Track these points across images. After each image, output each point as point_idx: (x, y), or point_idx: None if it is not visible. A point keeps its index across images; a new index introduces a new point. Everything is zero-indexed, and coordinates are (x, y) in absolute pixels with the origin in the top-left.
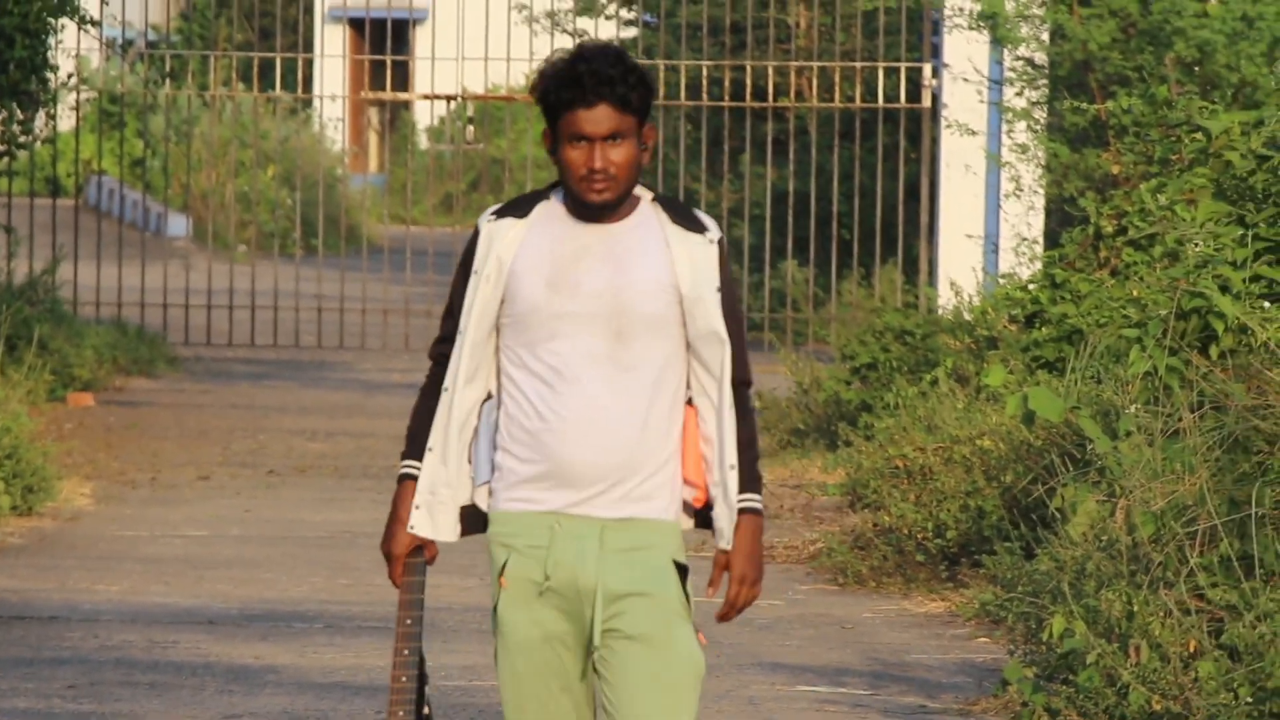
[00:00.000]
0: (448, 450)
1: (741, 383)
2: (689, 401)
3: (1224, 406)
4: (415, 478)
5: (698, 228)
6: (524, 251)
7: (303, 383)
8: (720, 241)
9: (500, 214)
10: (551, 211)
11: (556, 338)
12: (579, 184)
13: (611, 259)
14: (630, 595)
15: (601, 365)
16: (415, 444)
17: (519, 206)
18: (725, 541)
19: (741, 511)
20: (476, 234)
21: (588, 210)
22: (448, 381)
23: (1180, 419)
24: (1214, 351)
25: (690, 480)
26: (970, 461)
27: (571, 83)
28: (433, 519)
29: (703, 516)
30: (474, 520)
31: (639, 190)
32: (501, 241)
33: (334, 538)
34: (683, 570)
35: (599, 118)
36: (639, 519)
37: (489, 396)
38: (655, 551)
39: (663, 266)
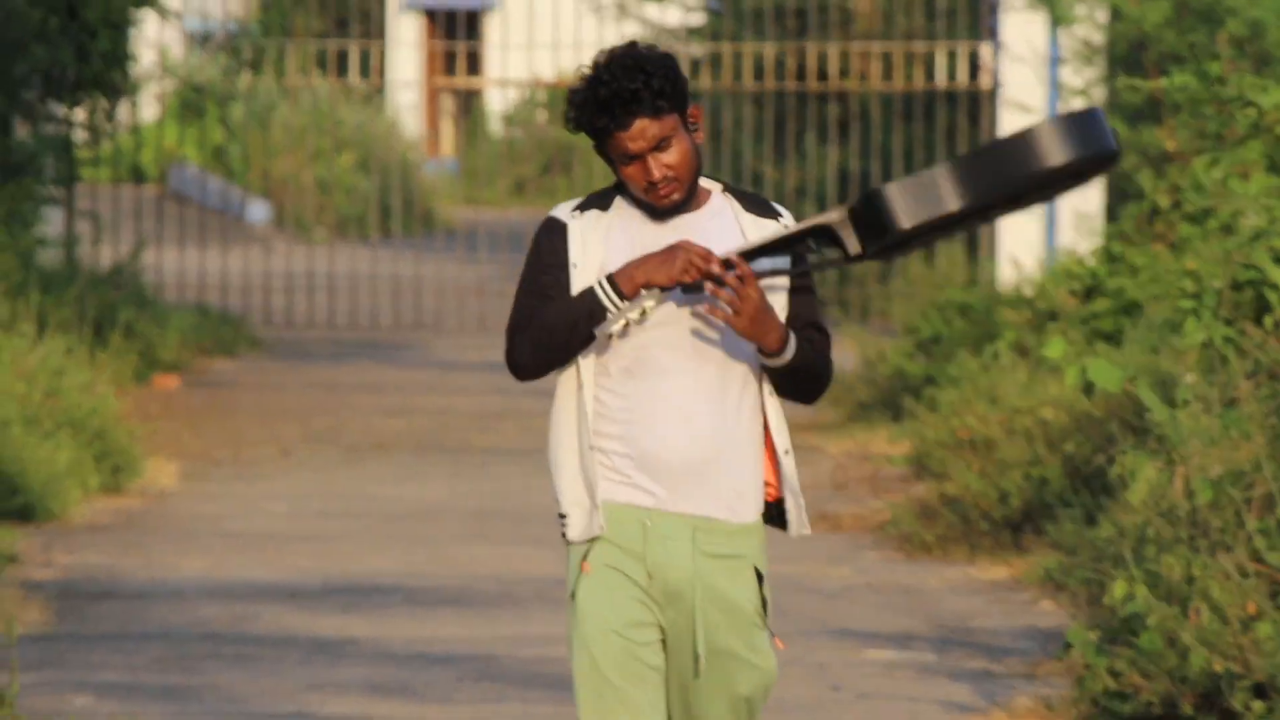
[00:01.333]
0: (576, 451)
1: (810, 324)
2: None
3: (1278, 375)
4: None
5: (771, 213)
6: (610, 246)
7: (380, 362)
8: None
9: (584, 208)
10: (628, 206)
11: (643, 330)
12: (646, 195)
13: None
14: (717, 605)
15: (687, 356)
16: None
17: (598, 202)
18: (795, 530)
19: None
20: (559, 229)
21: (661, 215)
22: (583, 377)
23: (1236, 388)
24: (1268, 322)
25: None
26: (1032, 432)
27: (599, 110)
28: (590, 521)
29: (769, 511)
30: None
31: (709, 183)
32: (593, 237)
33: (412, 512)
34: (761, 577)
35: (639, 134)
36: (729, 522)
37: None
38: (743, 561)
39: None
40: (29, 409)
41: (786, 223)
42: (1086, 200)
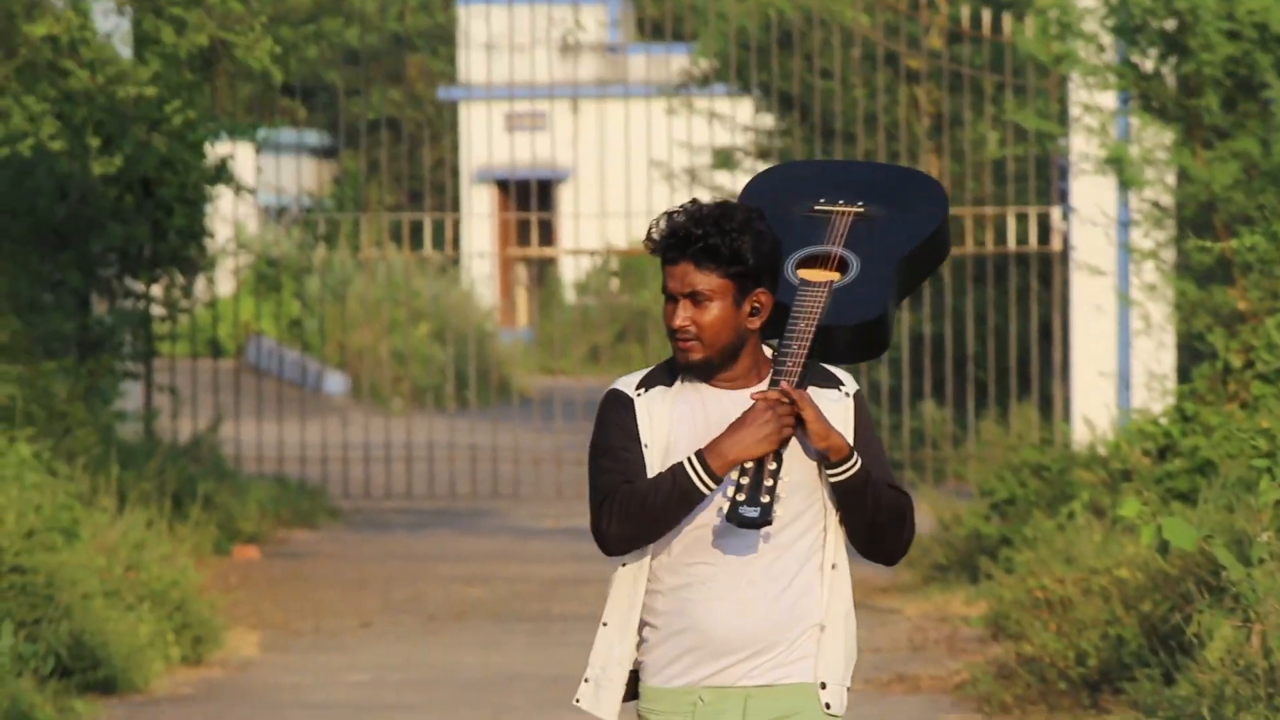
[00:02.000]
0: (627, 627)
1: (886, 484)
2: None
3: None
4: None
5: (832, 383)
6: (676, 423)
7: (458, 531)
8: (856, 395)
9: (647, 385)
10: (690, 381)
11: (698, 509)
12: (670, 340)
13: None
14: None
15: (742, 532)
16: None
17: (660, 378)
18: (837, 707)
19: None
20: (626, 403)
21: (688, 372)
22: (630, 556)
23: None
24: None
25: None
26: (1108, 591)
27: (664, 233)
28: (598, 695)
29: None
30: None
31: (767, 348)
32: (658, 415)
33: (492, 680)
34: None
35: (680, 276)
36: (783, 684)
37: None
38: (803, 715)
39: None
40: (110, 582)
41: (848, 390)
42: (1159, 360)
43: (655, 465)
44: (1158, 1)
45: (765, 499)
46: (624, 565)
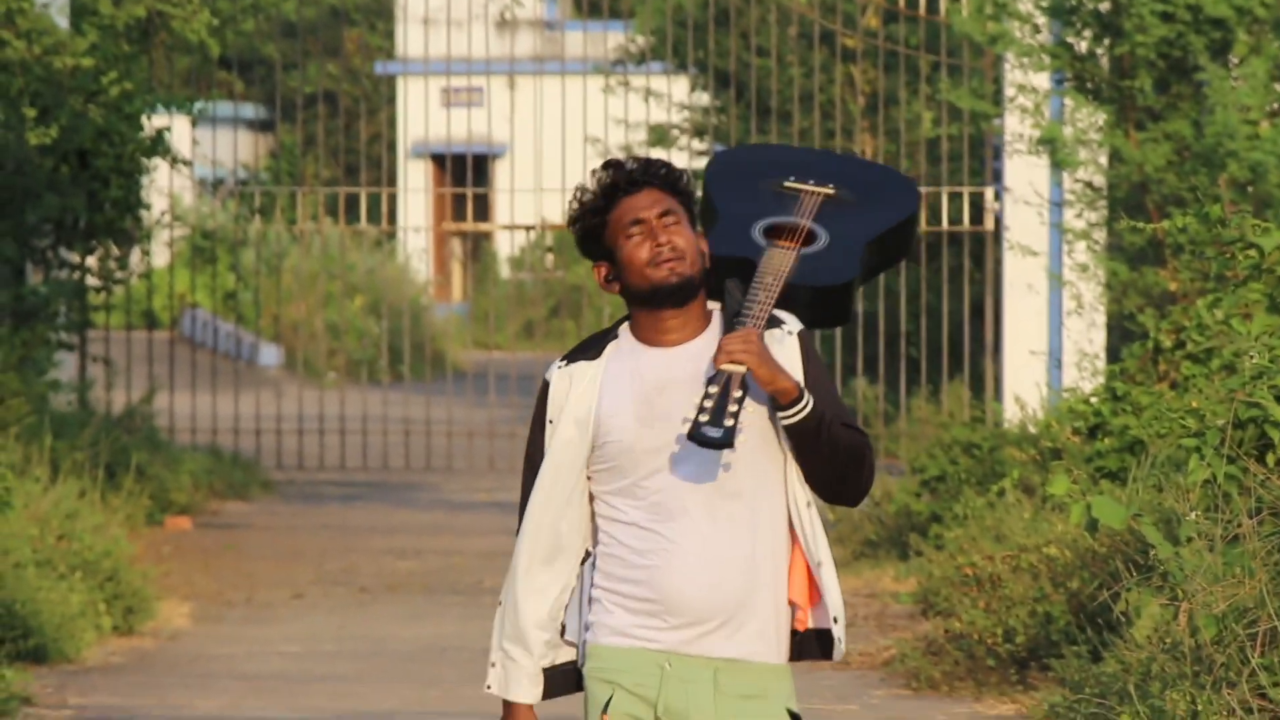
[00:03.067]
0: (516, 606)
1: (841, 423)
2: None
3: None
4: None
5: (774, 323)
6: (606, 393)
7: (391, 503)
8: (800, 333)
9: (571, 359)
10: (623, 347)
11: (655, 473)
12: (647, 270)
13: (697, 381)
14: None
15: (705, 494)
16: None
17: (587, 349)
18: (840, 653)
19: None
20: (544, 388)
21: (664, 303)
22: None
23: (1239, 524)
24: (1271, 459)
25: (794, 600)
26: (1037, 569)
27: (608, 188)
28: (506, 678)
29: (799, 645)
30: (562, 681)
31: (710, 304)
32: (579, 388)
33: (424, 651)
34: (795, 717)
35: (646, 201)
36: (753, 663)
37: (587, 556)
38: (770, 701)
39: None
40: (42, 552)
41: (791, 328)
42: (1090, 340)
43: (565, 440)
44: None
45: (729, 422)
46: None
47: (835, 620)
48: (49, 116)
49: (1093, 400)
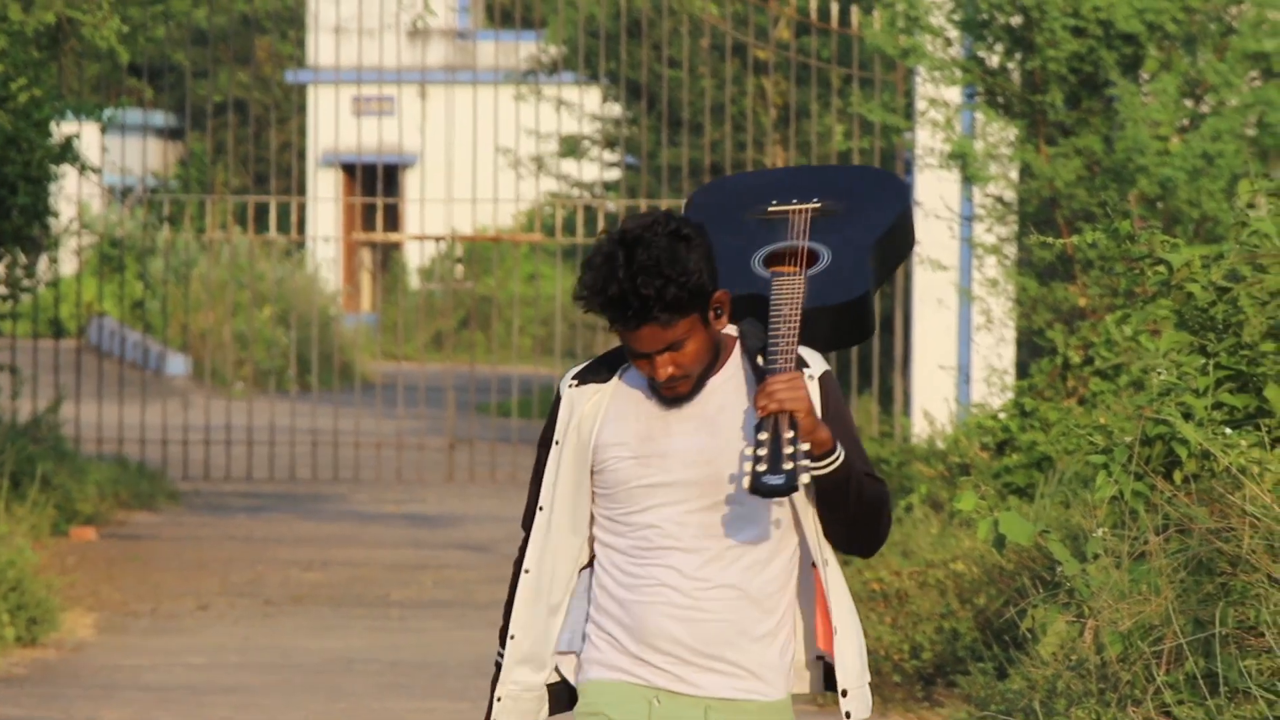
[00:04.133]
0: (535, 638)
1: (865, 474)
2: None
3: (1188, 529)
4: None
5: (798, 365)
6: (608, 421)
7: (299, 515)
8: (824, 376)
9: (582, 379)
10: (632, 371)
11: (647, 509)
12: (650, 379)
13: (704, 422)
14: None
15: (694, 535)
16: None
17: (599, 370)
18: (859, 714)
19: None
20: (557, 400)
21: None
22: (528, 562)
23: (1146, 542)
24: (1178, 476)
25: (823, 649)
26: (944, 584)
27: (609, 304)
28: (519, 711)
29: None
30: (560, 697)
31: (731, 330)
32: (583, 410)
33: (330, 664)
34: None
35: (647, 339)
36: (748, 702)
37: (590, 562)
38: None
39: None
40: None
41: (813, 373)
42: (999, 355)
43: (567, 463)
44: None
45: (789, 465)
46: (526, 573)
47: (844, 693)
48: None
49: (1001, 416)
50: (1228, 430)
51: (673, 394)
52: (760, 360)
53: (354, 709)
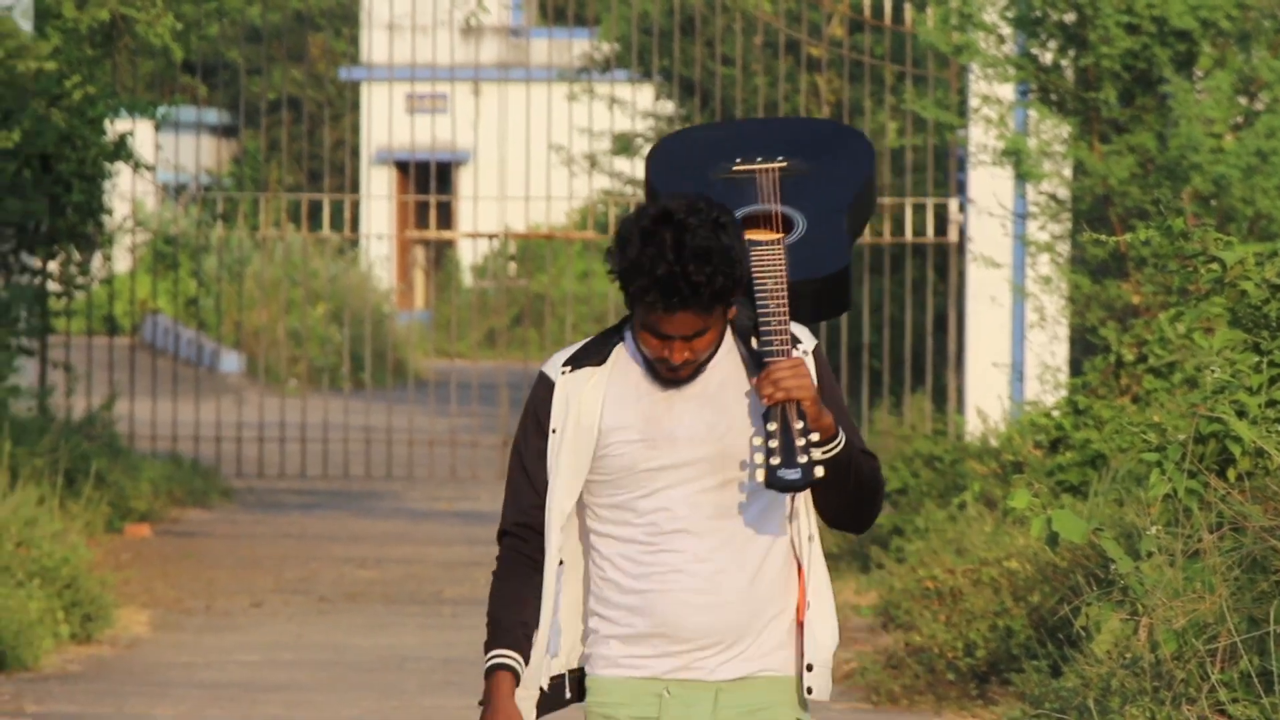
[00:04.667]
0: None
1: (860, 451)
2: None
3: (1242, 527)
4: (509, 667)
5: (792, 342)
6: (610, 405)
7: (352, 512)
8: (815, 351)
9: (575, 364)
10: (628, 353)
11: (654, 493)
12: (652, 360)
13: (706, 400)
14: None
15: (706, 516)
16: (501, 630)
17: (593, 353)
18: (821, 692)
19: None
20: (547, 388)
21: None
22: (549, 560)
23: (1200, 540)
24: (1231, 474)
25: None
26: (998, 582)
27: (657, 284)
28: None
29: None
30: (548, 699)
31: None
32: (580, 395)
33: (383, 661)
34: None
35: (680, 324)
36: (756, 677)
37: (560, 563)
38: (776, 710)
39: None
40: (0, 558)
41: (806, 348)
42: (1052, 353)
43: (567, 450)
44: None
45: (803, 459)
46: (550, 570)
47: (809, 668)
48: (12, 120)
49: (1054, 413)
50: None
51: (674, 378)
52: (754, 341)
53: (406, 706)
